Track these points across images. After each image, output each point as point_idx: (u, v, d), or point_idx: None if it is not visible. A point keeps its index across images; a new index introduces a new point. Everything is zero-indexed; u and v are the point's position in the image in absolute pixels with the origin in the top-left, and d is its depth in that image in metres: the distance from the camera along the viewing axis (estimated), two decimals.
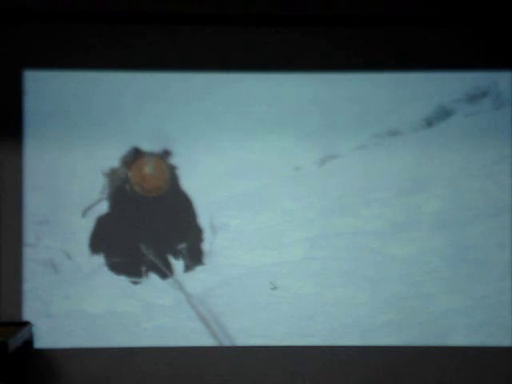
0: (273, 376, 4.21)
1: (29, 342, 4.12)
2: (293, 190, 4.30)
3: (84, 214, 4.24)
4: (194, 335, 4.22)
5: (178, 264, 4.26)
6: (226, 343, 4.22)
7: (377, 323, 4.21)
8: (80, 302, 4.23)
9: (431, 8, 4.13)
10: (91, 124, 4.26)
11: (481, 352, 4.17)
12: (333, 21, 4.21)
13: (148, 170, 4.28)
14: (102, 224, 4.26)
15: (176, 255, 4.26)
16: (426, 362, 4.18)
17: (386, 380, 4.19)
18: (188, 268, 4.26)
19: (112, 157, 4.27)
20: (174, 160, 4.28)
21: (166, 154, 4.27)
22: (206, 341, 4.22)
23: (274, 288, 4.22)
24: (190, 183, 4.28)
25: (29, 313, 4.20)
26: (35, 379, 4.17)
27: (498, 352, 4.17)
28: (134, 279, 4.24)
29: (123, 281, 4.25)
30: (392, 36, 4.25)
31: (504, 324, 4.19)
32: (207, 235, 4.26)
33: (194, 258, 4.26)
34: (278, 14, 4.16)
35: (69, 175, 4.26)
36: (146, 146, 4.28)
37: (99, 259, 4.25)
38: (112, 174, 4.25)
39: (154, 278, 4.26)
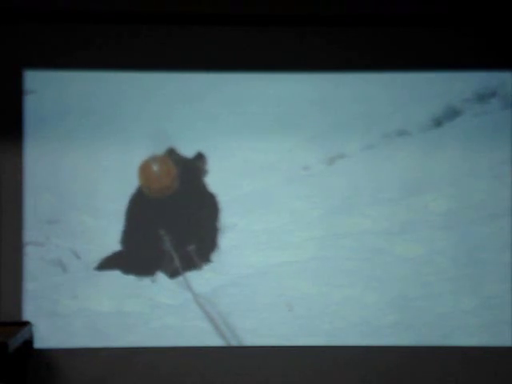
0: (278, 376, 4.24)
1: (29, 342, 4.10)
2: (301, 190, 4.27)
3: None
4: (202, 335, 4.23)
5: (186, 262, 4.25)
6: (234, 343, 4.24)
7: (384, 323, 4.24)
8: (88, 301, 4.22)
9: (440, 7, 4.07)
10: (91, 124, 4.21)
11: (485, 352, 4.22)
12: (338, 21, 4.15)
13: (153, 169, 4.22)
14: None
15: (185, 254, 4.25)
16: (430, 361, 4.23)
17: (389, 380, 4.24)
18: (196, 266, 4.25)
19: (113, 156, 4.22)
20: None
21: (198, 157, 4.22)
22: (214, 340, 4.24)
23: (291, 310, 4.22)
24: None
25: (36, 312, 4.19)
26: (35, 379, 4.17)
27: (503, 352, 4.22)
28: (142, 278, 4.24)
29: (131, 280, 4.23)
30: (401, 36, 4.19)
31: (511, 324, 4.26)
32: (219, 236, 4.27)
33: (203, 257, 4.25)
34: (279, 14, 4.09)
35: (72, 175, 4.21)
36: (146, 146, 4.22)
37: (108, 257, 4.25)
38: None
39: (161, 277, 4.25)
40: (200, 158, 4.25)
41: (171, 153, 4.25)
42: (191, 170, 4.26)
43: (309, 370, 4.24)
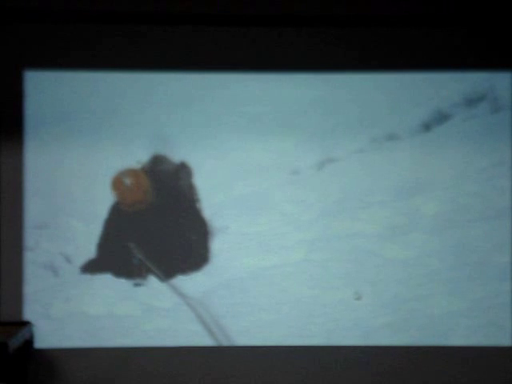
0: (272, 376, 4.20)
1: (29, 342, 4.08)
2: (292, 193, 4.31)
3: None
4: (194, 337, 4.21)
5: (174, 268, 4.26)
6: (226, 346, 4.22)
7: (376, 325, 4.22)
8: (80, 304, 4.20)
9: (430, 8, 4.14)
10: (91, 124, 4.25)
11: (480, 352, 4.20)
12: (332, 21, 4.22)
13: (124, 183, 4.25)
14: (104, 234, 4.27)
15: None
16: (426, 362, 4.20)
17: (385, 380, 4.20)
18: (183, 273, 4.26)
19: (112, 158, 4.25)
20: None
21: (182, 165, 4.26)
22: (206, 343, 4.20)
23: (359, 298, 4.22)
24: None
25: (29, 315, 4.16)
26: (35, 379, 4.13)
27: (498, 352, 4.20)
28: (133, 281, 4.23)
29: (123, 283, 4.23)
30: (390, 36, 4.27)
31: (503, 325, 4.23)
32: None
33: (191, 265, 4.27)
34: (277, 14, 4.16)
35: (68, 177, 4.24)
36: (145, 146, 4.27)
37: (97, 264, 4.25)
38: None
39: (153, 280, 4.24)
40: (183, 166, 4.29)
41: (156, 160, 4.28)
42: (172, 181, 4.29)
43: (302, 370, 4.21)
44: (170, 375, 4.19)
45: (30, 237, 4.20)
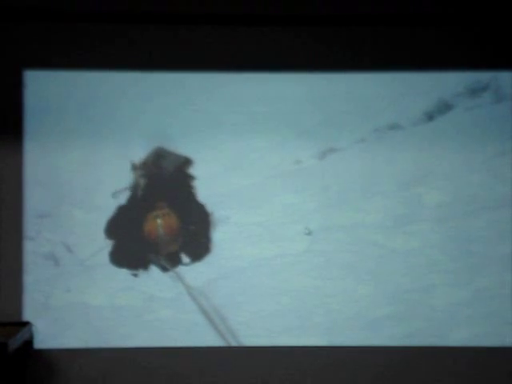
0: (273, 376, 4.27)
1: (29, 343, 4.14)
2: (293, 184, 4.31)
3: (114, 195, 4.31)
4: (195, 328, 4.28)
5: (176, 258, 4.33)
6: (227, 336, 4.28)
7: (378, 316, 4.25)
8: (81, 294, 4.27)
9: (432, 6, 4.11)
10: (91, 123, 4.28)
11: (481, 352, 4.21)
12: (332, 20, 4.19)
13: (159, 231, 4.32)
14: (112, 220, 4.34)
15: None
16: (426, 362, 4.22)
17: (385, 380, 4.24)
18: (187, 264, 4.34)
19: (111, 156, 4.30)
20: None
21: (186, 161, 4.30)
22: (207, 333, 4.28)
23: (309, 233, 4.25)
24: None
25: (29, 305, 4.25)
26: (35, 380, 4.22)
27: (500, 351, 4.20)
28: (135, 271, 4.31)
29: (124, 273, 4.30)
30: (393, 34, 4.22)
31: (505, 316, 4.22)
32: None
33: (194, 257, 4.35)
34: (277, 14, 4.14)
35: (69, 172, 4.28)
36: (145, 144, 4.31)
37: (100, 253, 4.31)
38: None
39: (154, 270, 4.32)
40: (187, 162, 4.32)
41: (159, 153, 4.32)
42: (181, 178, 4.33)
43: (303, 370, 4.26)
44: (170, 375, 4.26)
45: (31, 226, 4.27)
